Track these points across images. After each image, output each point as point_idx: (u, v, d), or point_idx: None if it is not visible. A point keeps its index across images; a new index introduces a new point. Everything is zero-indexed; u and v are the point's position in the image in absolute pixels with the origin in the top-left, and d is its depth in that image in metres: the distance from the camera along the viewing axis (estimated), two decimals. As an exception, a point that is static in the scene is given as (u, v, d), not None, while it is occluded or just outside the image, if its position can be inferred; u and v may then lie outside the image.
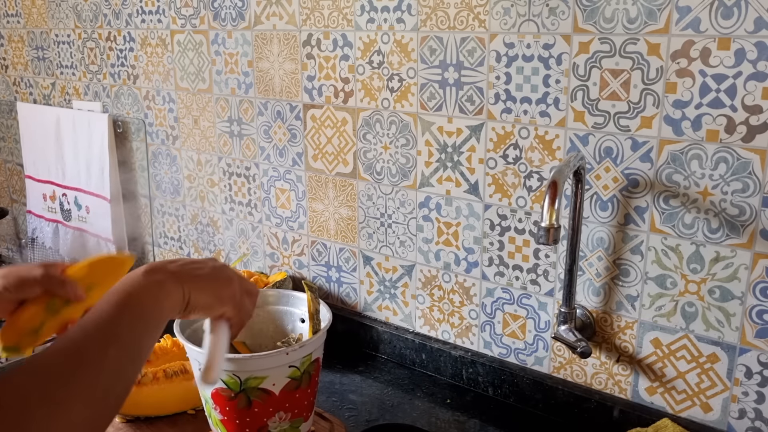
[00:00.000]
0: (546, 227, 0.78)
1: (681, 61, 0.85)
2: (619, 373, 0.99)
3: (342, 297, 1.30)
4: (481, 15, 0.99)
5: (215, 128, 1.41)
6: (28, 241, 1.94)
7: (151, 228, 1.64)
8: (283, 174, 1.32)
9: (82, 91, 1.70)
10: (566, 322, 0.97)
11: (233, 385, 0.86)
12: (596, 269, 0.98)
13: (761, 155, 0.82)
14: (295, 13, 1.21)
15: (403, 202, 1.16)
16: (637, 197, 0.92)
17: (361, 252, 1.24)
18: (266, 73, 1.29)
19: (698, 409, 0.93)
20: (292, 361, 0.87)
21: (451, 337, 1.16)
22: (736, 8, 0.80)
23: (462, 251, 1.11)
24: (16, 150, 1.98)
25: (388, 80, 1.12)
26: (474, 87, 1.03)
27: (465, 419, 1.05)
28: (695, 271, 0.89)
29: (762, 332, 0.86)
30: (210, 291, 0.71)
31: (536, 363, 1.07)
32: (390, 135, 1.14)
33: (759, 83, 0.80)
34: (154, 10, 1.45)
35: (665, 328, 0.93)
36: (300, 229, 1.33)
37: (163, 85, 1.49)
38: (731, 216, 0.85)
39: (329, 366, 1.19)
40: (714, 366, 0.91)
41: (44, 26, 1.75)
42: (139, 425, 1.01)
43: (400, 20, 1.08)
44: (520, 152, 1.01)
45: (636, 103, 0.89)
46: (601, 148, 0.93)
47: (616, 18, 0.88)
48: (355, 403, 1.09)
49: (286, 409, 0.89)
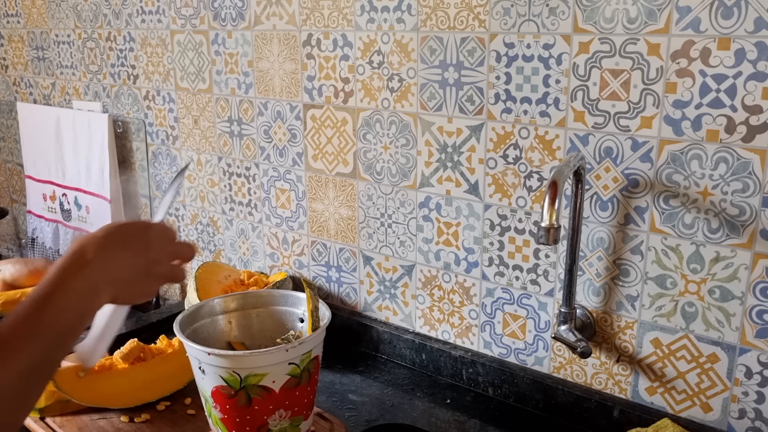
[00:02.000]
0: (546, 227, 0.78)
1: (681, 61, 0.85)
2: (619, 373, 0.99)
3: (342, 297, 1.30)
4: (481, 15, 0.99)
5: (215, 128, 1.41)
6: (28, 241, 1.94)
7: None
8: (283, 174, 1.32)
9: (82, 91, 1.71)
10: (566, 322, 0.97)
11: (233, 383, 0.86)
12: (596, 269, 0.98)
13: (761, 155, 0.82)
14: (295, 13, 1.21)
15: (403, 202, 1.16)
16: (637, 197, 0.92)
17: (361, 252, 1.24)
18: (266, 73, 1.29)
19: (698, 409, 0.93)
20: (292, 358, 0.87)
21: (451, 337, 1.16)
22: (736, 8, 0.80)
23: (462, 251, 1.11)
24: (16, 150, 1.98)
25: (388, 80, 1.12)
26: (474, 87, 1.03)
27: (465, 419, 1.05)
28: (695, 271, 0.89)
29: (762, 332, 0.86)
30: (138, 293, 0.73)
31: (536, 363, 1.07)
32: (390, 135, 1.14)
33: (759, 83, 0.80)
34: (154, 10, 1.45)
35: (665, 328, 0.93)
36: (300, 229, 1.33)
37: (163, 85, 1.49)
38: (731, 216, 0.85)
39: (329, 366, 1.19)
40: (714, 366, 0.91)
41: (44, 26, 1.75)
42: (139, 425, 1.01)
43: (400, 20, 1.08)
44: (520, 152, 1.01)
45: (636, 103, 0.89)
46: (601, 148, 0.93)
47: (616, 18, 0.88)
48: (355, 403, 1.09)
49: (286, 407, 0.89)
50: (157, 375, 1.07)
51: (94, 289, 0.66)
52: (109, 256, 0.68)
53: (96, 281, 0.67)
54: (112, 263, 0.68)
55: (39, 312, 0.62)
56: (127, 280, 0.70)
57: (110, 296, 0.69)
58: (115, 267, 0.69)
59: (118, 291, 0.69)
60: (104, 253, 0.68)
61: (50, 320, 0.62)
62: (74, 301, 0.65)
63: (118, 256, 0.69)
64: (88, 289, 0.66)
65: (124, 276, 0.70)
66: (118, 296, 0.70)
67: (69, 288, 0.64)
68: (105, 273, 0.67)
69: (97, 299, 0.67)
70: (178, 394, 1.08)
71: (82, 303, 0.66)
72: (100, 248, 0.68)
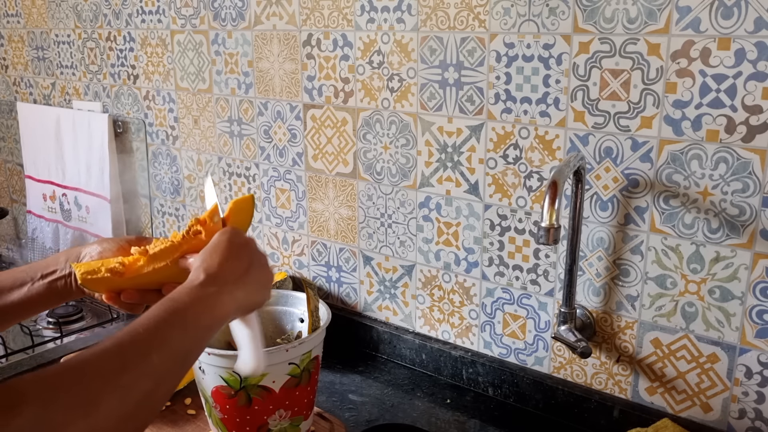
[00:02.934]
0: (546, 227, 0.78)
1: (681, 61, 0.85)
2: (619, 373, 0.99)
3: (342, 297, 1.30)
4: (481, 15, 0.99)
5: (215, 128, 1.41)
6: (28, 241, 1.94)
7: (151, 228, 1.64)
8: (283, 174, 1.32)
9: (82, 91, 1.71)
10: (566, 322, 0.97)
11: (233, 383, 0.86)
12: (596, 269, 0.98)
13: (761, 155, 0.82)
14: (295, 13, 1.21)
15: (403, 202, 1.16)
16: (637, 197, 0.92)
17: (361, 252, 1.24)
18: (266, 73, 1.29)
19: (698, 409, 0.93)
20: (292, 358, 0.87)
21: (451, 337, 1.16)
22: (736, 8, 0.80)
23: (462, 251, 1.11)
24: (16, 150, 1.98)
25: (388, 80, 1.12)
26: (474, 87, 1.03)
27: (465, 419, 1.05)
28: (695, 271, 0.89)
29: (762, 332, 0.86)
30: (257, 297, 0.72)
31: (536, 363, 1.07)
32: (390, 135, 1.14)
33: (759, 83, 0.80)
34: (154, 10, 1.45)
35: (665, 328, 0.94)
36: (300, 229, 1.33)
37: (163, 85, 1.49)
38: (731, 216, 0.85)
39: (329, 366, 1.19)
40: (714, 366, 0.91)
41: (44, 26, 1.75)
42: (139, 425, 1.01)
43: (400, 20, 1.08)
44: (520, 152, 1.01)
45: (636, 103, 0.89)
46: (601, 148, 0.93)
47: (616, 18, 0.88)
48: (355, 403, 1.09)
49: (286, 407, 0.89)
50: None
51: (220, 303, 0.66)
52: (227, 271, 0.69)
53: (222, 297, 0.67)
54: (232, 277, 0.69)
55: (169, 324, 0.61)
56: (246, 289, 0.70)
57: (235, 307, 0.69)
58: (235, 281, 0.69)
59: (241, 301, 0.69)
60: (222, 269, 0.68)
61: (194, 316, 0.63)
62: (206, 314, 0.64)
63: (233, 268, 0.70)
64: (216, 303, 0.66)
65: (245, 288, 0.70)
66: (240, 306, 0.70)
67: (200, 302, 0.64)
68: (228, 287, 0.67)
69: (224, 310, 0.67)
70: (178, 394, 1.08)
71: (212, 315, 0.65)
72: (219, 266, 0.68)
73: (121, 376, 0.55)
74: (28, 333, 1.33)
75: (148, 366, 0.57)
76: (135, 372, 0.56)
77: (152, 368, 0.57)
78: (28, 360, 1.18)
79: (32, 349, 1.30)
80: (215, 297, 0.66)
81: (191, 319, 0.63)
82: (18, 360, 1.19)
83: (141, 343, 0.58)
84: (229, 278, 0.68)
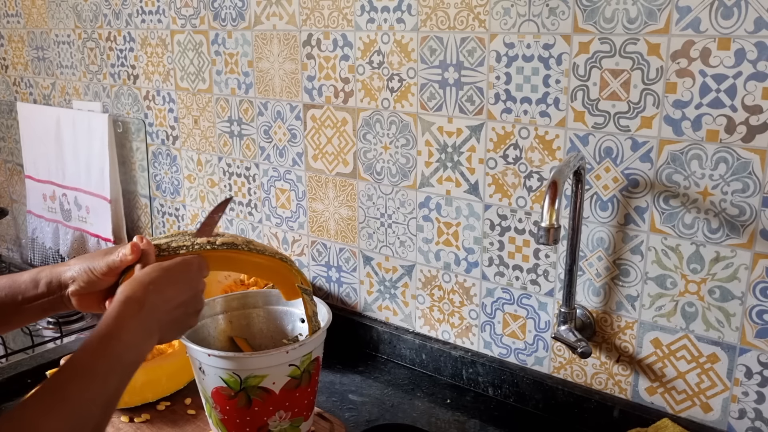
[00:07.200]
0: (546, 227, 0.78)
1: (681, 61, 0.85)
2: (619, 373, 0.99)
3: (342, 297, 1.30)
4: (481, 15, 0.99)
5: (215, 128, 1.41)
6: (28, 241, 1.94)
7: (151, 228, 1.64)
8: (283, 174, 1.32)
9: (82, 91, 1.70)
10: (566, 322, 0.97)
11: (233, 384, 0.86)
12: (596, 269, 0.98)
13: (761, 155, 0.82)
14: (295, 13, 1.21)
15: (403, 202, 1.16)
16: (637, 197, 0.92)
17: (361, 252, 1.24)
18: (266, 73, 1.29)
19: (698, 409, 0.93)
20: (293, 360, 0.87)
21: (451, 337, 1.16)
22: (736, 8, 0.80)
23: (462, 251, 1.11)
24: (16, 150, 1.98)
25: (388, 80, 1.12)
26: (474, 87, 1.03)
27: (465, 419, 1.05)
28: (695, 271, 0.89)
29: (762, 332, 0.86)
30: (180, 330, 0.78)
31: (536, 363, 1.07)
32: (390, 135, 1.14)
33: (759, 83, 0.80)
34: (154, 10, 1.45)
35: (665, 328, 0.93)
36: (300, 229, 1.33)
37: (163, 85, 1.49)
38: (731, 216, 0.85)
39: (329, 366, 1.19)
40: (714, 366, 0.91)
41: (44, 26, 1.75)
42: (139, 425, 1.01)
43: (400, 20, 1.08)
44: (520, 152, 1.01)
45: (636, 103, 0.89)
46: (601, 148, 0.93)
47: (616, 18, 0.88)
48: (355, 403, 1.09)
49: (286, 408, 0.89)
50: (157, 375, 1.07)
51: (148, 331, 0.70)
52: (158, 300, 0.71)
53: (149, 325, 0.70)
54: (161, 307, 0.72)
55: (108, 348, 0.65)
56: (173, 320, 0.74)
57: (159, 337, 0.72)
58: (162, 310, 0.72)
59: (164, 332, 0.73)
60: (153, 297, 0.71)
61: (118, 355, 0.65)
62: (133, 343, 0.68)
63: (164, 298, 0.72)
64: (143, 332, 0.69)
65: (172, 317, 0.74)
66: (163, 337, 0.74)
67: (129, 330, 0.67)
68: (156, 317, 0.71)
69: (151, 341, 0.71)
70: (178, 394, 1.08)
71: (139, 345, 0.69)
72: (149, 293, 0.71)
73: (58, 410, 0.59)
74: (28, 333, 1.34)
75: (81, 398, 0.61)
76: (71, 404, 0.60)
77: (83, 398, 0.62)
78: (28, 360, 1.18)
79: (32, 349, 1.30)
80: (148, 336, 0.71)
81: (123, 354, 0.67)
82: (18, 360, 1.19)
83: (72, 378, 0.62)
84: (164, 323, 0.73)
